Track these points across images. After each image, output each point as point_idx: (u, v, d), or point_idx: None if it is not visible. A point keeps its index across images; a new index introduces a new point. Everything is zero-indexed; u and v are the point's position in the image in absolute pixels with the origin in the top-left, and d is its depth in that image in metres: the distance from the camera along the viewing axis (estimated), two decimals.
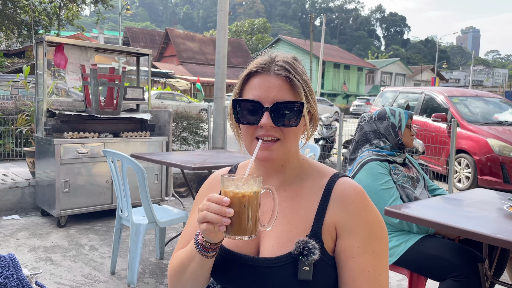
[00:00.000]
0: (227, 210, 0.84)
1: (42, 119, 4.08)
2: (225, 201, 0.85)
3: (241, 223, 0.86)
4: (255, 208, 0.87)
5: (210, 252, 0.93)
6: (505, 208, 1.85)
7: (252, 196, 0.86)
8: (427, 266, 1.93)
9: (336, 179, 1.02)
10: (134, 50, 4.94)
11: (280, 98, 0.96)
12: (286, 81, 0.97)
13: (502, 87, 47.25)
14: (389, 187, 2.07)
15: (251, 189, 0.87)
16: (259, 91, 0.97)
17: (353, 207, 0.97)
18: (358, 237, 0.95)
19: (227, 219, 0.84)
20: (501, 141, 5.92)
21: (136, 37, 40.77)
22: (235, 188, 0.87)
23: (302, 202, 1.01)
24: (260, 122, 0.96)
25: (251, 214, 0.87)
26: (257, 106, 0.97)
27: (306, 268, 0.92)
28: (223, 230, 0.85)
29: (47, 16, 17.58)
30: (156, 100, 16.62)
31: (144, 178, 2.66)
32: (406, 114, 2.28)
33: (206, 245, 0.92)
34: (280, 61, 0.99)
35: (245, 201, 0.86)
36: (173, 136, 6.80)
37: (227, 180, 0.88)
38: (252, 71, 1.00)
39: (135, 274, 2.71)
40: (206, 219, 0.85)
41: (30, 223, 4.06)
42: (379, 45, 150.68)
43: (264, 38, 53.90)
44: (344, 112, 8.05)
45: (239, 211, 0.86)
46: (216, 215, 0.84)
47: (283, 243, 0.96)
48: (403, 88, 8.65)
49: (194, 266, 0.96)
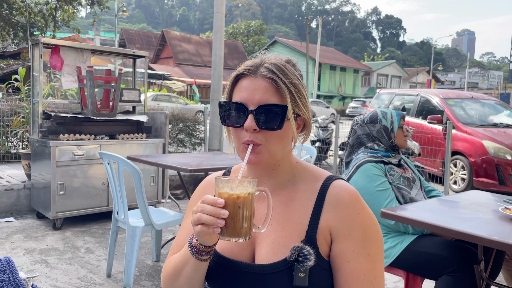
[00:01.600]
0: (222, 211, 0.83)
1: (38, 121, 4.07)
2: (220, 202, 0.84)
3: (236, 224, 0.85)
4: (249, 210, 0.87)
5: (204, 255, 0.92)
6: (500, 210, 1.86)
7: (246, 197, 0.86)
8: (422, 265, 1.94)
9: (330, 182, 1.01)
10: (130, 52, 4.93)
11: (264, 100, 0.95)
12: (271, 83, 0.96)
13: (497, 89, 47.49)
14: (385, 188, 2.08)
15: (246, 190, 0.86)
16: (245, 93, 0.97)
17: (347, 211, 0.97)
18: (353, 241, 0.95)
19: (221, 221, 0.83)
20: (496, 143, 5.95)
21: (132, 39, 40.70)
22: (229, 190, 0.86)
23: (296, 207, 1.00)
24: (245, 125, 0.95)
25: (246, 216, 0.86)
26: (242, 109, 0.96)
27: (301, 274, 0.91)
28: (218, 232, 0.85)
29: (42, 18, 17.54)
30: (152, 102, 16.62)
31: (140, 180, 2.65)
32: (397, 115, 2.29)
33: (200, 248, 0.91)
34: (268, 64, 0.98)
35: (239, 203, 0.85)
36: (170, 138, 6.79)
37: (222, 181, 0.87)
38: (240, 73, 1.00)
39: (131, 277, 2.70)
40: (201, 221, 0.84)
41: (26, 225, 4.04)
42: (375, 47, 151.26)
43: (261, 40, 53.97)
44: (340, 114, 8.06)
45: (234, 212, 0.85)
46: (210, 216, 0.83)
47: (278, 249, 0.96)
48: (399, 90, 8.68)
49: (189, 270, 0.96)
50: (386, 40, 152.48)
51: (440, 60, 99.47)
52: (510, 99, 31.98)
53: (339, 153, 6.52)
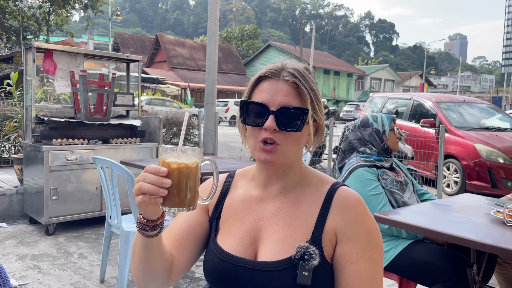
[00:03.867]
0: (164, 180, 0.82)
1: (31, 126, 4.04)
2: (162, 171, 0.82)
3: (179, 194, 0.83)
4: (194, 180, 0.85)
5: (149, 231, 0.89)
6: (492, 213, 1.87)
7: (191, 167, 0.84)
8: (416, 272, 1.95)
9: (337, 187, 1.05)
10: (124, 56, 4.93)
11: (286, 103, 0.99)
12: (294, 87, 1.00)
13: (489, 93, 47.93)
14: (378, 192, 2.08)
15: (190, 160, 0.84)
16: (267, 94, 1.00)
17: (353, 215, 1.00)
18: (357, 244, 0.98)
19: (164, 190, 0.82)
20: (489, 146, 6.00)
21: (126, 43, 40.61)
22: (174, 159, 0.84)
23: (303, 208, 1.03)
24: (265, 125, 0.98)
25: (190, 186, 0.84)
26: (263, 109, 0.99)
27: (305, 273, 0.93)
28: (160, 202, 0.83)
29: (36, 22, 17.45)
30: (146, 106, 16.57)
31: (133, 185, 2.64)
32: (388, 118, 2.30)
33: (143, 222, 0.89)
34: (290, 68, 1.02)
35: (183, 172, 0.83)
36: (164, 142, 6.77)
37: (166, 150, 0.85)
38: (262, 75, 1.03)
39: (125, 282, 2.69)
40: (142, 190, 0.83)
41: (18, 231, 4.00)
42: (369, 51, 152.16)
43: (255, 44, 54.02)
44: (334, 118, 8.09)
45: (178, 181, 0.82)
46: (152, 185, 0.82)
47: (283, 248, 0.98)
48: (392, 94, 8.73)
49: (139, 249, 0.95)
50: (379, 44, 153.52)
51: (433, 64, 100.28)
52: (502, 103, 32.28)
53: (333, 156, 6.53)
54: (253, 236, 1.03)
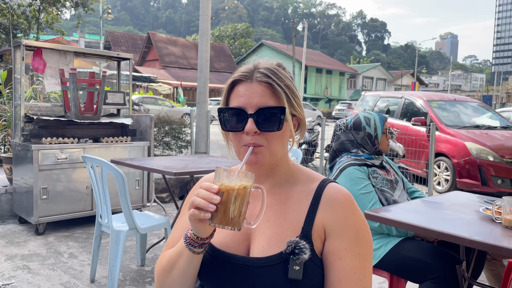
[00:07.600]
0: (214, 196, 0.87)
1: (20, 125, 4.00)
2: (214, 188, 0.88)
3: (226, 212, 0.88)
4: (241, 201, 0.89)
5: (197, 248, 0.94)
6: (481, 210, 1.89)
7: (241, 189, 0.89)
8: (406, 269, 1.96)
9: (326, 184, 1.06)
10: (114, 54, 4.89)
11: (262, 103, 0.99)
12: (267, 87, 1.01)
13: (480, 92, 48.38)
14: (368, 191, 2.09)
15: (241, 182, 0.90)
16: (243, 98, 1.01)
17: (342, 211, 1.01)
18: (346, 239, 0.99)
19: (212, 206, 0.87)
20: (479, 144, 6.05)
21: (118, 41, 40.34)
22: (226, 179, 0.90)
23: (293, 205, 1.04)
24: (245, 128, 0.99)
25: (237, 206, 0.89)
26: (241, 113, 1.00)
27: (296, 267, 0.94)
28: (208, 217, 0.88)
29: (26, 20, 17.24)
30: (136, 106, 16.44)
31: (124, 184, 2.62)
32: (381, 120, 2.29)
33: (193, 239, 0.94)
34: (262, 68, 1.02)
35: (233, 192, 0.89)
36: (156, 141, 6.74)
37: (220, 171, 0.91)
38: (236, 79, 1.04)
39: (116, 282, 2.67)
40: (194, 203, 0.88)
41: (7, 231, 3.96)
42: (361, 50, 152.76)
43: (247, 43, 54.00)
44: (326, 117, 8.12)
45: (226, 200, 0.88)
46: (203, 200, 0.87)
47: (274, 244, 0.99)
48: (383, 93, 8.77)
49: (182, 263, 0.98)
50: (371, 43, 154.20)
51: (424, 63, 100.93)
52: (492, 101, 32.59)
53: (325, 155, 6.55)
54: (244, 233, 1.04)
